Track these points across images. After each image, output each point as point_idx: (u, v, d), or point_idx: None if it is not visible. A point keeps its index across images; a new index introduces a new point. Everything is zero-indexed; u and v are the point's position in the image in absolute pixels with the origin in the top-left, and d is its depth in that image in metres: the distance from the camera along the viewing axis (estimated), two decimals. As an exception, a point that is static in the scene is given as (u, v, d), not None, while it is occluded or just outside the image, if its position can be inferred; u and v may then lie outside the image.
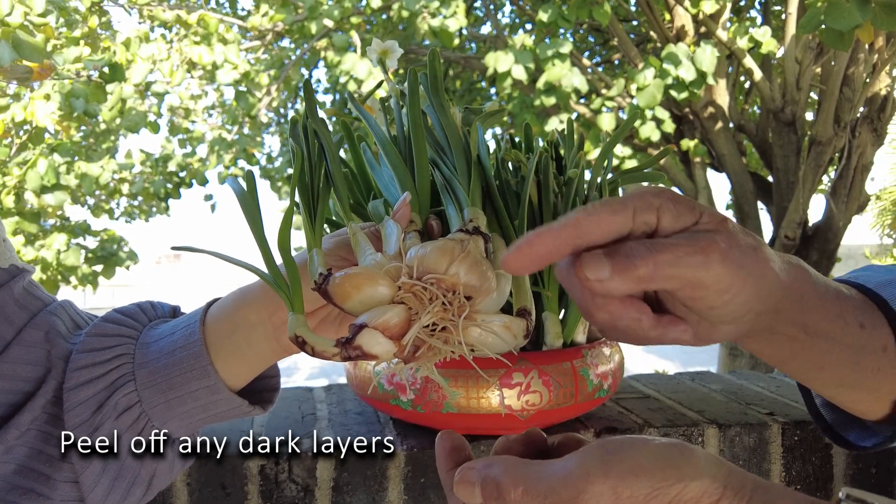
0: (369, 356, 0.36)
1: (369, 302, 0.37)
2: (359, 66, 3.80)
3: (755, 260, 0.34)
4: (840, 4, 2.27)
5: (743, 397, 0.79)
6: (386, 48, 0.57)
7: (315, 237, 0.44)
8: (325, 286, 0.39)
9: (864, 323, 0.42)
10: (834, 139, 3.75)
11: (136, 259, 4.97)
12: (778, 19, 4.62)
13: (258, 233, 0.43)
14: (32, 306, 0.55)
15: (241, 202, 0.44)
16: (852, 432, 0.49)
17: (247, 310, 0.48)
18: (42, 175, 3.86)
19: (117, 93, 3.32)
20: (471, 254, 0.37)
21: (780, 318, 0.38)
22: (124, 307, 0.59)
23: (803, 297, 0.39)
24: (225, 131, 4.78)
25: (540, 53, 3.73)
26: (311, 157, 0.45)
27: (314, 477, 0.60)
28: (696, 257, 0.32)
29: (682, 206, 0.34)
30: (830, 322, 0.40)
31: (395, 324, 0.36)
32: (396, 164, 0.45)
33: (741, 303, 0.34)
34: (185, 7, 4.13)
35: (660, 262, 0.32)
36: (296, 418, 0.71)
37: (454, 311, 0.37)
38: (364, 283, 0.37)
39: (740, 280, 0.33)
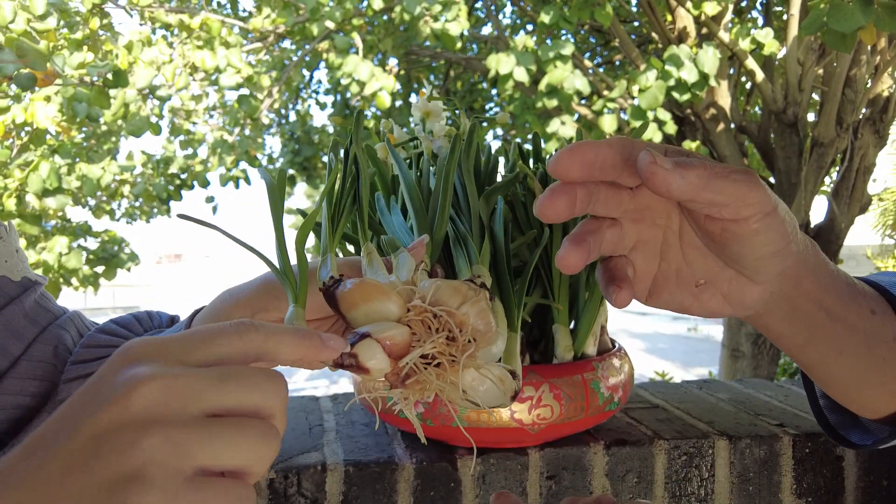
0: (361, 369, 0.35)
1: (374, 316, 0.37)
2: (361, 68, 3.80)
3: (782, 203, 0.37)
4: (843, 6, 2.26)
5: (752, 407, 0.79)
6: (429, 109, 0.59)
7: (333, 244, 0.44)
8: (333, 289, 0.38)
9: (875, 310, 0.43)
10: (836, 140, 3.74)
11: (137, 260, 4.97)
12: (780, 20, 4.61)
13: (278, 224, 0.44)
14: (43, 319, 0.55)
15: (269, 192, 0.45)
16: (854, 433, 0.51)
17: (231, 308, 0.47)
18: (44, 178, 3.86)
19: (120, 97, 3.31)
20: (482, 300, 0.37)
21: (800, 290, 0.40)
22: (121, 318, 0.59)
23: (818, 271, 0.40)
24: (226, 133, 4.78)
25: (541, 55, 3.73)
26: (346, 175, 0.46)
27: (323, 491, 0.60)
28: (743, 175, 0.34)
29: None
30: (845, 305, 0.42)
31: (398, 342, 0.36)
32: (418, 210, 0.46)
33: (776, 236, 0.36)
34: (187, 11, 4.12)
35: (713, 171, 0.34)
36: (303, 430, 0.70)
37: (458, 347, 0.36)
38: (375, 294, 0.37)
39: (777, 209, 0.36)
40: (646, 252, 0.40)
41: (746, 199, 0.34)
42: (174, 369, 0.28)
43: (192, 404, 0.28)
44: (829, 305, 0.41)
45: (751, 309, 0.39)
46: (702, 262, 0.39)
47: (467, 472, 0.62)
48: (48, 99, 3.20)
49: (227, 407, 0.29)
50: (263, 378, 0.30)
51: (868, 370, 0.43)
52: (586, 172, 0.35)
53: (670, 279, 0.40)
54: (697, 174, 0.33)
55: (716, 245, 0.38)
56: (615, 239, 0.39)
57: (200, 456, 0.27)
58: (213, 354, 0.30)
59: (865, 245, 5.83)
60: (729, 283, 0.38)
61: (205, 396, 0.28)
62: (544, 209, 0.36)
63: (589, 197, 0.36)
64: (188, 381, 0.28)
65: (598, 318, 0.64)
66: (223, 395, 0.28)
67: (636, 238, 0.40)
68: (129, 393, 0.27)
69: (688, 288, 0.40)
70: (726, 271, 0.38)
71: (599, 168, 0.35)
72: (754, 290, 0.38)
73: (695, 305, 0.40)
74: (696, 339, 9.49)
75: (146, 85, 3.54)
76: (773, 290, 0.39)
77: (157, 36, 4.31)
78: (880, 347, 0.42)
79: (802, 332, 0.41)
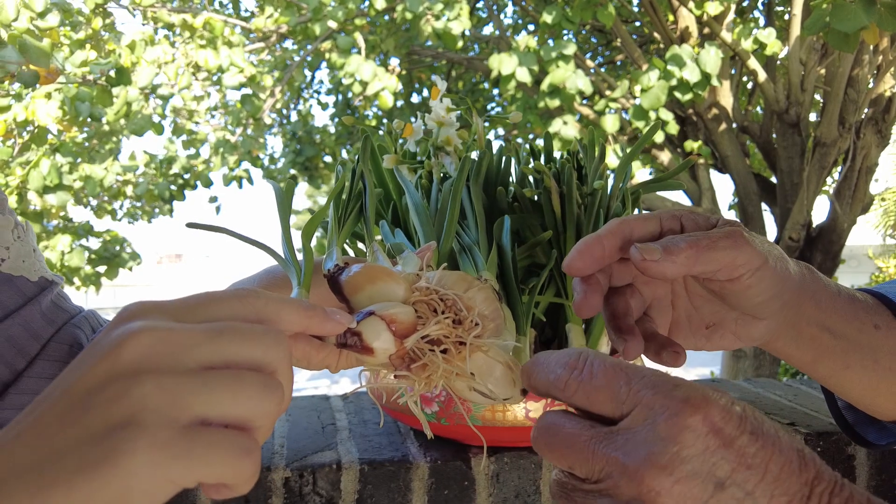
0: (365, 349, 0.34)
1: (379, 298, 0.36)
2: (363, 68, 3.80)
3: (773, 247, 0.41)
4: (845, 6, 2.27)
5: (762, 406, 0.79)
6: (444, 120, 0.59)
7: (339, 238, 0.44)
8: (337, 276, 0.38)
9: (878, 324, 0.45)
10: (838, 140, 3.75)
11: (139, 260, 4.97)
12: (782, 20, 4.61)
13: (284, 219, 0.44)
14: (59, 319, 0.55)
15: (277, 200, 0.45)
16: (871, 431, 0.52)
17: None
18: (45, 175, 3.87)
19: (123, 96, 3.32)
20: (488, 289, 0.37)
21: (802, 316, 0.43)
22: None
23: (818, 296, 0.43)
24: (228, 133, 4.78)
25: (544, 55, 3.73)
26: (353, 189, 0.46)
27: (338, 489, 0.60)
28: (728, 240, 0.39)
29: (699, 215, 0.42)
30: (847, 322, 0.44)
31: (403, 321, 0.34)
32: (425, 225, 0.46)
33: (770, 284, 0.40)
34: (190, 11, 4.12)
35: (700, 246, 0.38)
36: (316, 429, 0.71)
37: (465, 329, 0.35)
38: (381, 276, 0.36)
39: (766, 262, 0.39)
40: (659, 307, 0.45)
41: (735, 263, 0.38)
42: (169, 323, 0.28)
43: (187, 355, 0.27)
44: (832, 325, 0.44)
45: (759, 340, 0.43)
46: (709, 308, 0.44)
47: (481, 470, 0.62)
48: (49, 96, 3.20)
49: (225, 359, 0.28)
50: (263, 333, 0.29)
51: (878, 381, 0.45)
52: (598, 265, 0.41)
53: (682, 325, 0.45)
54: (686, 255, 0.38)
55: (719, 296, 0.42)
56: (638, 305, 0.44)
57: (197, 405, 0.26)
58: (211, 314, 0.30)
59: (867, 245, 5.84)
60: (736, 323, 0.43)
61: (201, 348, 0.28)
62: (583, 311, 0.41)
63: (607, 276, 0.43)
64: (183, 334, 0.28)
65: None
66: (219, 347, 0.28)
67: (651, 297, 0.45)
68: (122, 343, 0.27)
69: (699, 331, 0.44)
70: (731, 313, 0.43)
71: (609, 256, 0.41)
72: (759, 325, 0.42)
73: (708, 345, 0.44)
74: (697, 339, 9.47)
75: (148, 84, 3.54)
76: (779, 322, 0.42)
77: (160, 36, 4.31)
78: (887, 359, 0.45)
79: (809, 352, 0.44)
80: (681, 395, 0.27)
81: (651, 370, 0.30)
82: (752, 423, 0.27)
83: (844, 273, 5.14)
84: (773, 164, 4.32)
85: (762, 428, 0.28)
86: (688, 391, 0.28)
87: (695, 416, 0.27)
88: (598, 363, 0.30)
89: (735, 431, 0.27)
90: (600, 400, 0.29)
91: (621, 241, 0.41)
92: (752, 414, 0.28)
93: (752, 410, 0.28)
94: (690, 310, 0.45)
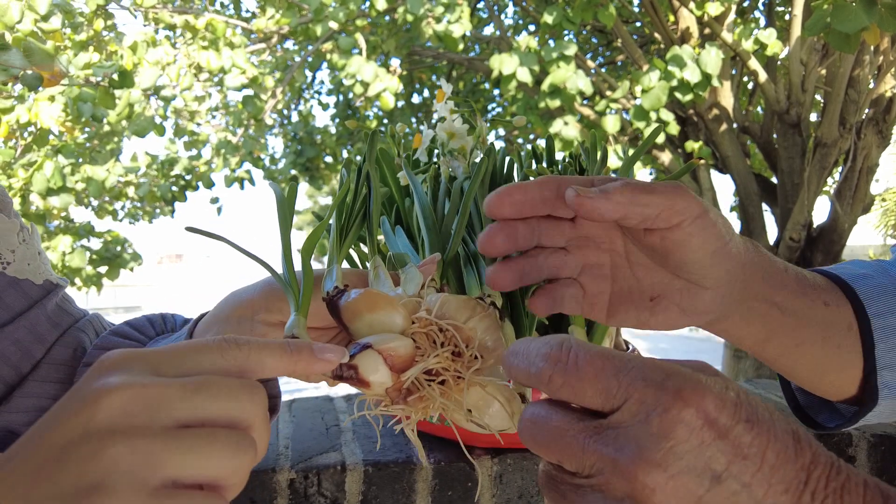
0: (362, 382, 0.34)
1: (378, 327, 0.35)
2: (365, 69, 3.80)
3: (717, 212, 0.40)
4: (846, 7, 2.27)
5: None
6: (454, 131, 0.59)
7: (339, 255, 0.43)
8: (336, 299, 0.37)
9: (827, 301, 0.45)
10: (839, 141, 3.75)
11: (140, 260, 4.98)
12: (783, 21, 4.61)
13: (285, 234, 0.43)
14: (64, 322, 0.55)
15: (278, 205, 0.44)
16: (822, 414, 0.53)
17: (234, 309, 0.47)
18: (48, 178, 3.87)
19: (125, 98, 3.32)
20: (491, 316, 0.36)
21: (750, 291, 0.42)
22: (134, 320, 0.60)
23: (766, 271, 0.43)
24: (230, 134, 4.79)
25: (544, 55, 3.73)
26: (358, 191, 0.45)
27: (343, 490, 0.60)
28: (666, 187, 0.38)
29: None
30: (797, 299, 0.44)
31: (401, 355, 0.34)
32: (430, 231, 0.46)
33: (711, 236, 0.39)
34: (191, 12, 4.13)
35: (637, 188, 0.37)
36: (320, 430, 0.71)
37: (463, 363, 0.35)
38: (381, 304, 0.36)
39: (706, 212, 0.38)
40: (595, 275, 0.43)
41: (674, 207, 0.37)
42: (146, 379, 0.28)
43: (162, 414, 0.27)
44: (781, 301, 0.43)
45: (706, 314, 0.41)
46: (651, 278, 0.42)
47: (485, 471, 0.62)
48: (52, 99, 3.21)
49: (200, 417, 0.28)
50: (239, 389, 0.29)
51: (827, 358, 0.45)
52: (517, 210, 0.39)
53: (624, 298, 0.43)
54: (622, 194, 0.37)
55: (660, 257, 0.41)
56: (557, 263, 0.42)
57: (169, 467, 0.26)
58: (190, 366, 0.30)
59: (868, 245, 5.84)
60: (681, 294, 0.41)
61: (176, 406, 0.27)
62: (483, 246, 0.39)
63: (531, 231, 0.41)
64: (159, 391, 0.27)
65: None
66: (195, 405, 0.28)
67: (583, 262, 0.43)
68: (97, 401, 0.27)
69: (643, 304, 0.42)
70: (676, 282, 0.41)
71: (530, 205, 0.39)
72: (705, 295, 0.40)
73: (652, 320, 0.42)
74: (698, 340, 9.49)
75: (150, 85, 3.55)
76: (725, 294, 0.41)
77: (161, 36, 4.32)
78: (836, 336, 0.45)
79: (760, 330, 0.44)
80: (673, 386, 0.26)
81: (639, 358, 0.28)
82: (746, 410, 0.26)
83: (845, 273, 5.13)
84: (774, 164, 4.32)
85: (757, 414, 0.26)
86: (680, 381, 0.26)
87: (688, 409, 0.26)
88: (582, 354, 0.28)
89: (730, 421, 0.26)
90: (588, 394, 0.28)
91: (549, 191, 0.39)
92: (746, 399, 0.27)
93: (746, 395, 0.27)
94: (632, 281, 0.42)
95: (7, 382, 0.50)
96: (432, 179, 0.58)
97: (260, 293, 0.47)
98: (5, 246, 0.51)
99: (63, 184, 3.95)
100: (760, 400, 0.28)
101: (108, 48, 3.50)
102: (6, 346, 0.50)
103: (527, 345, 0.30)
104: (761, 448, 0.26)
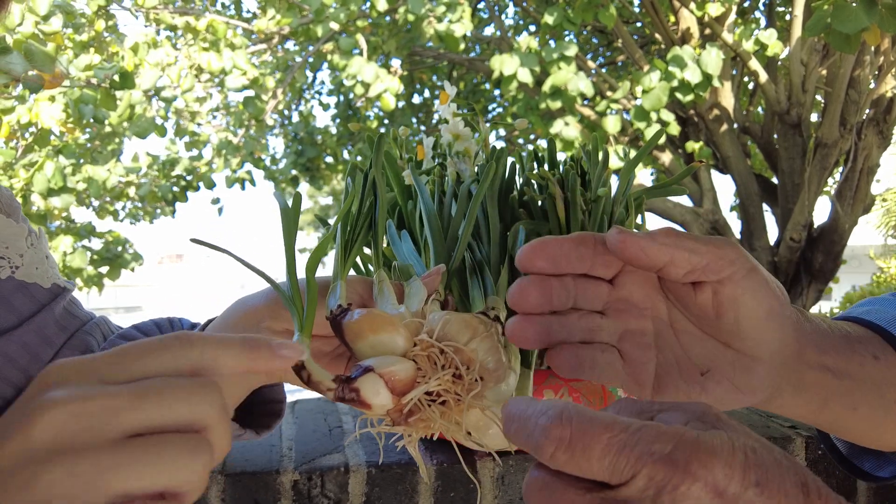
0: (363, 404, 0.34)
1: (380, 349, 0.36)
2: (365, 70, 3.81)
3: (763, 268, 0.38)
4: (846, 7, 2.27)
5: (764, 410, 0.80)
6: (460, 133, 0.59)
7: (344, 269, 0.43)
8: (340, 319, 0.37)
9: (877, 354, 0.42)
10: (839, 141, 3.75)
11: (141, 260, 4.99)
12: (783, 21, 4.62)
13: (289, 248, 0.43)
14: (71, 326, 0.56)
15: (282, 216, 0.44)
16: (867, 461, 0.50)
17: (240, 317, 0.47)
18: (49, 178, 3.88)
19: (126, 99, 3.33)
20: (493, 336, 0.37)
21: (803, 361, 0.39)
22: (142, 324, 0.60)
23: (816, 337, 0.40)
24: (231, 134, 4.79)
25: (545, 56, 3.74)
26: (363, 199, 0.46)
27: (346, 492, 0.61)
28: (715, 237, 0.37)
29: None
30: (847, 359, 0.41)
31: (401, 378, 0.34)
32: (436, 238, 0.46)
33: (764, 297, 0.37)
34: (192, 13, 4.14)
35: (683, 235, 0.36)
36: (323, 432, 0.71)
37: (464, 386, 0.35)
38: (383, 327, 0.36)
39: (757, 268, 0.37)
40: (637, 343, 0.40)
41: (724, 256, 0.36)
42: (90, 390, 0.26)
43: (109, 426, 0.26)
44: (833, 366, 0.41)
45: (760, 392, 0.39)
46: (700, 348, 0.39)
47: (487, 473, 0.63)
48: (52, 99, 3.22)
49: (149, 425, 0.26)
50: (191, 389, 0.27)
51: (884, 416, 0.43)
52: (551, 264, 0.37)
53: (672, 372, 0.39)
54: (666, 234, 0.36)
55: (710, 321, 0.38)
56: (591, 326, 0.39)
57: (116, 482, 0.25)
58: (138, 370, 0.28)
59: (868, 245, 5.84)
60: (732, 367, 0.38)
61: (123, 416, 0.26)
62: (515, 300, 0.37)
63: (565, 289, 0.38)
64: (103, 402, 0.26)
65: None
66: (144, 412, 0.26)
67: (623, 328, 0.40)
68: (32, 422, 0.25)
69: (693, 378, 0.39)
70: (727, 353, 0.38)
71: (566, 261, 0.37)
72: (759, 369, 0.38)
73: (703, 395, 0.39)
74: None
75: (152, 86, 3.56)
76: (779, 367, 0.38)
77: (162, 37, 4.33)
78: (890, 391, 0.42)
79: (815, 399, 0.41)
80: (682, 459, 0.25)
81: (645, 427, 0.27)
82: (755, 472, 0.26)
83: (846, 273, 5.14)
84: (775, 164, 4.32)
85: (767, 473, 0.26)
86: (688, 452, 0.26)
87: (697, 484, 0.25)
88: (586, 427, 0.27)
89: (739, 488, 0.25)
90: (595, 470, 0.27)
91: (586, 247, 0.37)
92: (754, 459, 0.26)
93: (754, 452, 0.26)
94: (679, 352, 0.40)
95: (16, 385, 0.50)
96: (437, 179, 0.58)
97: (265, 301, 0.47)
98: (14, 250, 0.52)
99: (64, 184, 3.96)
100: (768, 451, 0.27)
101: (110, 49, 3.50)
102: (15, 349, 0.50)
103: (524, 409, 0.29)
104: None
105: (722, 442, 0.26)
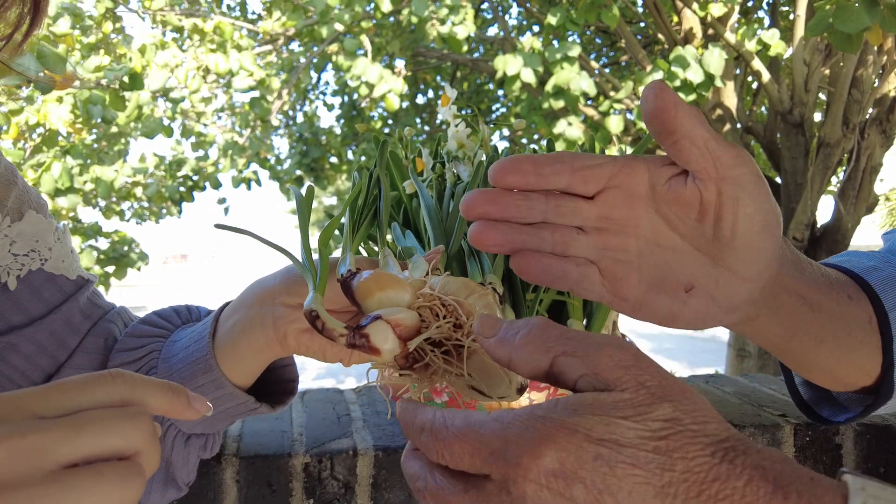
0: (373, 349, 0.37)
1: (387, 303, 0.39)
2: (370, 71, 3.84)
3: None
4: (848, 7, 2.29)
5: (756, 399, 0.83)
6: (463, 142, 0.62)
7: (353, 244, 0.48)
8: (350, 280, 0.41)
9: (851, 294, 0.45)
10: (842, 141, 3.76)
11: (147, 260, 5.03)
12: (786, 21, 4.63)
13: (304, 228, 0.47)
14: (95, 315, 0.59)
15: (297, 202, 0.48)
16: (826, 409, 0.53)
17: (256, 295, 0.51)
18: (56, 178, 3.93)
19: (134, 100, 3.37)
20: (489, 295, 0.39)
21: (782, 286, 0.41)
22: (162, 310, 0.63)
23: (795, 265, 0.41)
24: (236, 135, 4.83)
25: (548, 56, 3.77)
26: (369, 194, 0.49)
27: (354, 474, 0.64)
28: (735, 144, 0.36)
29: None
30: (824, 293, 0.43)
31: (407, 324, 0.37)
32: (436, 228, 0.49)
33: (766, 209, 0.36)
34: (198, 14, 4.18)
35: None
36: (332, 419, 0.75)
37: (464, 332, 0.38)
38: (389, 284, 0.40)
39: (762, 180, 0.36)
40: (617, 259, 0.39)
41: (738, 155, 0.35)
42: (23, 426, 0.27)
43: (44, 460, 0.27)
44: (809, 296, 0.41)
45: (738, 310, 0.39)
46: (686, 265, 0.38)
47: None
48: (60, 100, 3.26)
49: (85, 455, 0.28)
50: (121, 418, 0.29)
51: (848, 354, 0.44)
52: (522, 178, 0.36)
53: (655, 287, 0.39)
54: (697, 112, 0.35)
55: (705, 229, 0.37)
56: (564, 239, 0.38)
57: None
58: (74, 404, 0.29)
59: (872, 245, 5.83)
60: (717, 283, 0.38)
61: (57, 449, 0.27)
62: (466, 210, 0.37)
63: (529, 203, 0.37)
64: (38, 437, 0.27)
65: (610, 313, 0.68)
66: (77, 444, 0.27)
67: (602, 245, 0.39)
68: None
69: (676, 294, 0.38)
70: (713, 271, 0.38)
71: (537, 175, 0.37)
72: (742, 288, 0.38)
73: (684, 310, 0.38)
74: (702, 339, 9.50)
75: (160, 88, 3.60)
76: (761, 288, 0.38)
77: (168, 39, 4.37)
78: (858, 331, 0.44)
79: (786, 326, 0.42)
80: (514, 455, 0.27)
81: (489, 427, 0.28)
82: (597, 447, 0.27)
83: (849, 272, 5.14)
84: (777, 164, 4.33)
85: (619, 446, 0.27)
86: (519, 448, 0.27)
87: (530, 474, 0.27)
88: (450, 432, 0.29)
89: (575, 464, 0.27)
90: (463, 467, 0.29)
91: (562, 162, 0.36)
92: (604, 431, 0.27)
93: (608, 426, 0.27)
94: (664, 268, 0.38)
95: (45, 370, 0.53)
96: (437, 180, 0.61)
97: (280, 280, 0.51)
98: (43, 244, 0.55)
99: (71, 184, 4.00)
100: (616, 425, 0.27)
101: (117, 51, 3.55)
102: (44, 336, 0.53)
103: (411, 416, 0.31)
104: (616, 478, 0.26)
105: (559, 426, 0.27)
